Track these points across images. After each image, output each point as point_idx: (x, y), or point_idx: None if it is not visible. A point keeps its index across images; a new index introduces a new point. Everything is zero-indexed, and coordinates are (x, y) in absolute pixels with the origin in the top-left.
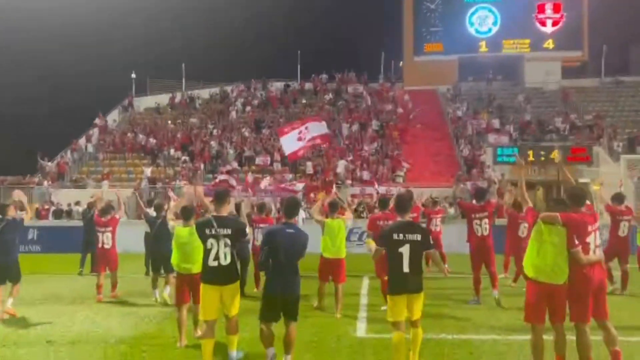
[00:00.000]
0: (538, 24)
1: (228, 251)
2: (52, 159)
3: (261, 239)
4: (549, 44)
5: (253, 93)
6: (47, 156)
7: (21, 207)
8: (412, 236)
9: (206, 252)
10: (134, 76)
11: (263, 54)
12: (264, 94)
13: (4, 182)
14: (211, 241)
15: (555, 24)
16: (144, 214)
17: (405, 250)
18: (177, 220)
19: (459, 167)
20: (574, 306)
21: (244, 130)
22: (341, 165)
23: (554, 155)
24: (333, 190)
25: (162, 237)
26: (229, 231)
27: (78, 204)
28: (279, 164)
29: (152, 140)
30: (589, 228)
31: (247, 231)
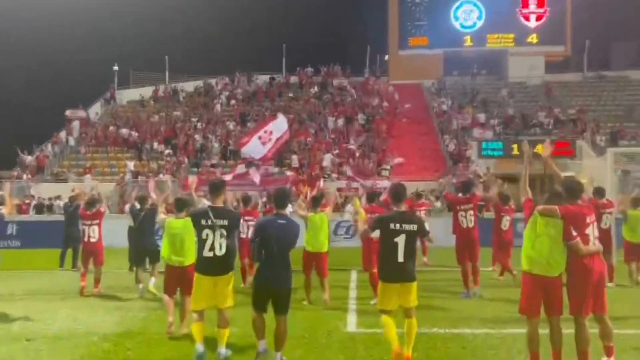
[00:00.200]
0: (522, 19)
1: (224, 242)
2: (31, 153)
3: (252, 232)
4: (533, 38)
5: (238, 86)
6: (26, 149)
7: (0, 201)
8: (409, 226)
9: (201, 242)
10: (116, 68)
11: (248, 47)
12: (249, 87)
13: None
14: (207, 232)
15: (539, 18)
16: (130, 206)
17: (401, 240)
18: (169, 214)
19: (444, 161)
20: (573, 298)
21: (228, 124)
22: (327, 158)
23: (538, 149)
24: (320, 184)
25: (146, 230)
26: (225, 222)
27: (59, 198)
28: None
29: (135, 133)
30: (587, 220)
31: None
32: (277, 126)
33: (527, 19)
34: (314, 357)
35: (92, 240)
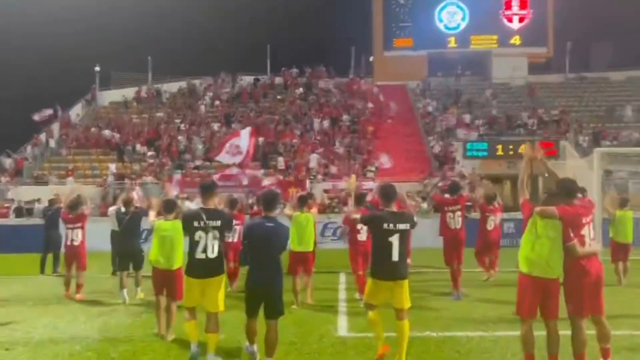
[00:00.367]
0: (505, 20)
1: (216, 244)
2: (10, 155)
3: (238, 234)
4: (516, 40)
5: (222, 87)
6: (5, 152)
7: None
8: (402, 225)
9: (193, 244)
10: (97, 69)
11: (232, 47)
12: (233, 88)
13: None
14: (199, 233)
15: (521, 20)
16: (116, 209)
17: (395, 239)
18: (159, 216)
19: (430, 163)
20: (571, 300)
21: (213, 125)
22: (313, 159)
23: (522, 149)
24: (307, 185)
25: (131, 233)
26: (218, 223)
27: (39, 201)
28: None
29: (117, 135)
30: (583, 220)
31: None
32: (242, 140)
33: (510, 20)
34: None
35: (75, 243)
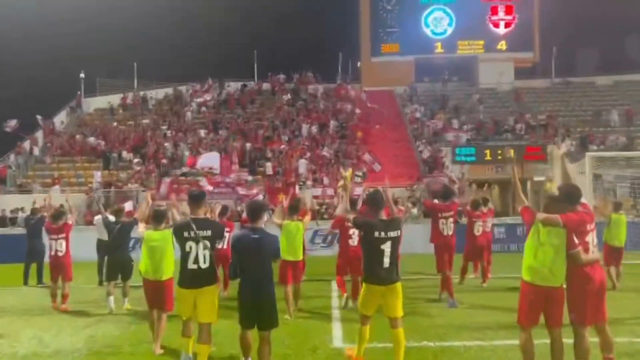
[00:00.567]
0: (491, 26)
1: (207, 254)
2: None
3: (227, 241)
4: (502, 45)
5: (209, 92)
6: None
7: None
8: (393, 233)
9: (184, 255)
10: (82, 76)
11: (218, 53)
12: (221, 94)
13: None
14: (190, 244)
15: (507, 25)
16: (103, 218)
17: (387, 247)
18: (148, 225)
19: (418, 168)
20: (575, 308)
21: (200, 131)
22: (302, 164)
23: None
24: (296, 191)
25: (121, 243)
26: (208, 233)
27: (22, 210)
28: (237, 165)
29: (102, 142)
30: (588, 227)
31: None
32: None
33: (497, 26)
34: None
35: (60, 254)
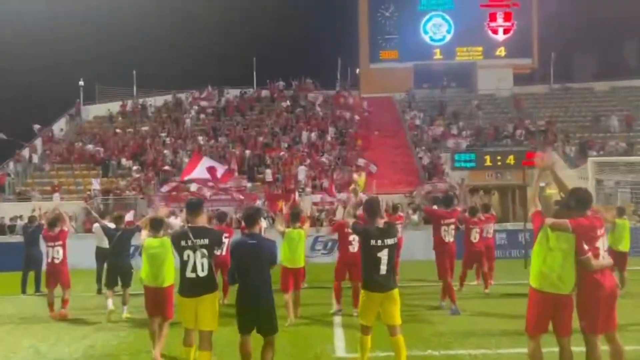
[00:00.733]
0: (490, 32)
1: (205, 262)
2: None
3: (227, 248)
4: (501, 51)
5: (208, 99)
6: None
7: None
8: (390, 240)
9: (183, 264)
10: (81, 83)
11: (217, 60)
12: (220, 101)
13: None
14: (188, 253)
15: (506, 32)
16: (102, 226)
17: (384, 254)
18: (148, 234)
19: (418, 174)
20: (585, 316)
21: (199, 138)
22: (302, 171)
23: (509, 160)
24: (296, 197)
25: (121, 251)
26: (205, 241)
27: (21, 218)
28: (236, 172)
29: (101, 149)
30: (598, 232)
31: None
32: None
33: (495, 32)
34: None
35: (56, 262)
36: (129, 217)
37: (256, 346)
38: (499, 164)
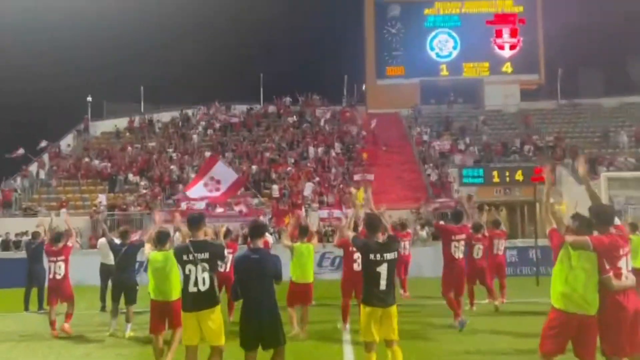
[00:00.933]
0: (496, 48)
1: (207, 276)
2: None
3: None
4: (507, 67)
5: (215, 116)
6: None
7: None
8: (390, 255)
9: (185, 278)
10: (89, 99)
11: (225, 77)
12: (227, 117)
13: None
14: (189, 267)
15: (512, 48)
16: (109, 240)
17: (383, 269)
18: (153, 248)
19: (425, 189)
20: (607, 338)
21: (207, 154)
22: (308, 187)
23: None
24: (302, 213)
25: (126, 266)
26: (206, 255)
27: (26, 234)
28: (242, 189)
29: (108, 165)
30: (621, 252)
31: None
32: (223, 175)
33: (502, 48)
34: None
35: (58, 277)
36: (136, 237)
37: None
38: (507, 179)
